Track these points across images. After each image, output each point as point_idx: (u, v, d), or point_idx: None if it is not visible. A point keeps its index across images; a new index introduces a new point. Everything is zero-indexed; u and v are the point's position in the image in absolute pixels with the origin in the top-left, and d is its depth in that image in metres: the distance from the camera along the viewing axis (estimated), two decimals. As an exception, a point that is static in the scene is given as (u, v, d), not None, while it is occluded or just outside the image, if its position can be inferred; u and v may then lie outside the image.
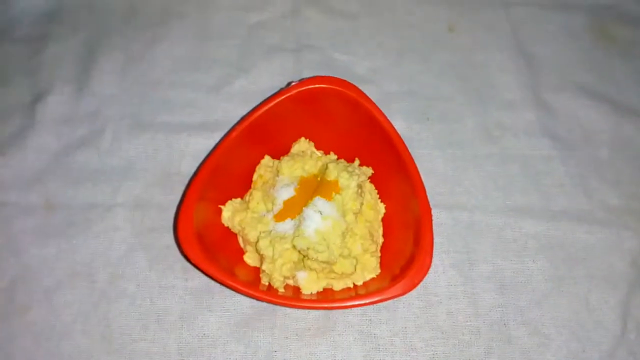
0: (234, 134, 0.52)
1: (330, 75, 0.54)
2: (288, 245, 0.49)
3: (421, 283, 0.46)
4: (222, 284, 0.48)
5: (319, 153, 0.58)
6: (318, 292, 0.52)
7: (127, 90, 0.66)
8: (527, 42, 0.71)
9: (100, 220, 0.57)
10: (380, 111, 0.53)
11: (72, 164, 0.61)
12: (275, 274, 0.49)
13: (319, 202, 0.50)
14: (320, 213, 0.49)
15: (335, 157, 0.58)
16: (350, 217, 0.50)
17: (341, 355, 0.52)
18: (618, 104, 0.67)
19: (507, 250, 0.57)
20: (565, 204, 0.60)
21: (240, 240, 0.55)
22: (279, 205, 0.52)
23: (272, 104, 0.53)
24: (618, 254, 0.58)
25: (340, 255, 0.49)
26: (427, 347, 0.53)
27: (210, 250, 0.48)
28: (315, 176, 0.54)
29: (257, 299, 0.49)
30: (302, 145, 0.58)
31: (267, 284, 0.50)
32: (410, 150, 0.52)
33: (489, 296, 0.55)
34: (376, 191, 0.56)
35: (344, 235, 0.50)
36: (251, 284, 0.49)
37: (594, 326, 0.54)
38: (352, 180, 0.51)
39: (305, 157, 0.55)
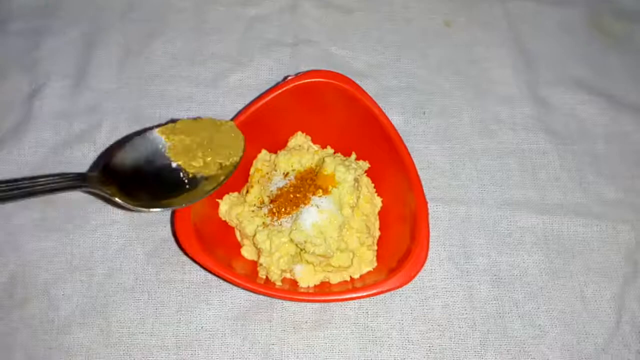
0: (231, 128, 0.53)
1: (328, 69, 0.54)
2: (285, 239, 0.50)
3: (417, 276, 0.47)
4: (219, 277, 0.48)
5: (315, 147, 0.58)
6: (315, 285, 0.52)
7: (125, 85, 0.66)
8: (524, 37, 0.71)
9: (98, 214, 0.58)
10: (377, 105, 0.53)
11: (69, 158, 0.61)
12: (273, 267, 0.50)
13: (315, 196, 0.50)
14: (317, 207, 0.50)
15: (332, 151, 0.58)
16: (346, 210, 0.51)
17: (338, 347, 0.53)
18: (614, 98, 0.67)
19: (503, 243, 0.58)
20: (561, 197, 0.61)
21: (237, 233, 0.55)
22: (276, 199, 0.52)
23: (268, 98, 0.53)
24: (613, 247, 0.58)
25: (337, 248, 0.50)
26: (424, 339, 0.53)
27: (208, 243, 0.49)
28: (312, 170, 0.54)
29: (255, 292, 0.49)
30: (299, 139, 0.58)
31: (264, 277, 0.51)
32: (407, 144, 0.52)
33: (484, 289, 0.55)
34: (373, 185, 0.56)
35: (340, 228, 0.50)
36: (249, 277, 0.49)
37: (589, 318, 0.55)
38: (349, 174, 0.51)
39: (302, 151, 0.55)
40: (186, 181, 0.50)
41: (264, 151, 0.57)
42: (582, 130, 0.65)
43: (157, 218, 0.57)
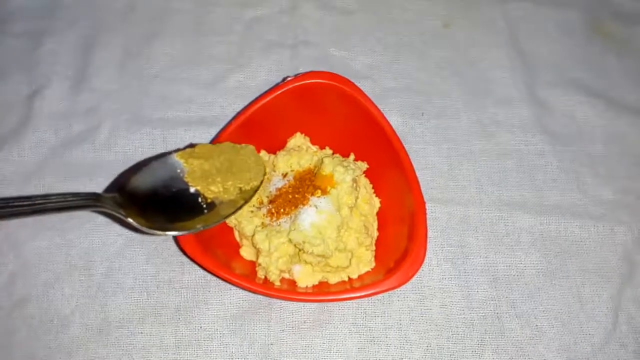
0: (230, 129, 0.53)
1: (327, 70, 0.54)
2: (284, 239, 0.50)
3: (415, 276, 0.47)
4: (218, 277, 0.48)
5: (314, 148, 0.59)
6: (313, 286, 0.52)
7: (125, 86, 0.66)
8: (522, 38, 0.72)
9: (98, 214, 0.58)
10: (376, 106, 0.53)
11: (69, 158, 0.61)
12: (271, 268, 0.50)
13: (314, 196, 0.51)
14: (316, 207, 0.50)
15: (331, 151, 0.58)
16: (345, 211, 0.51)
17: (336, 347, 0.53)
18: (612, 100, 0.68)
19: (500, 244, 0.58)
20: (558, 198, 0.61)
21: (236, 234, 0.55)
22: (274, 200, 0.53)
23: (268, 99, 0.53)
24: (611, 248, 0.59)
25: (336, 248, 0.50)
26: (422, 339, 0.53)
27: (207, 244, 0.49)
28: (311, 171, 0.54)
29: (254, 292, 0.49)
30: (298, 140, 0.58)
31: (263, 277, 0.51)
32: (405, 145, 0.52)
33: (482, 289, 0.56)
34: (371, 185, 0.57)
35: (339, 229, 0.50)
36: (247, 277, 0.49)
37: (586, 319, 0.55)
38: (347, 174, 0.51)
39: (300, 152, 0.56)
40: (204, 206, 0.49)
41: (263, 152, 0.57)
42: (580, 132, 0.65)
43: (157, 218, 0.58)
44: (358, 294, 0.48)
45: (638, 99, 0.68)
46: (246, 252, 0.54)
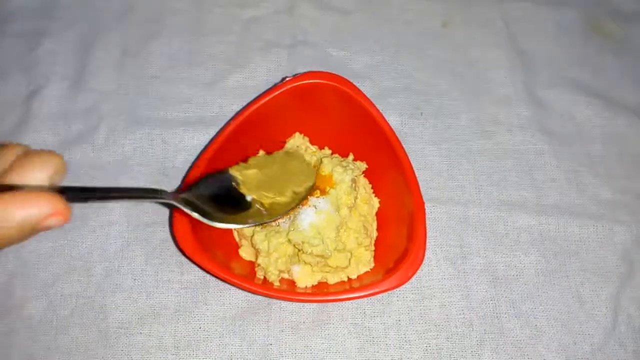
0: (228, 129, 0.53)
1: (326, 70, 0.54)
2: (283, 239, 0.50)
3: (415, 276, 0.47)
4: (217, 277, 0.48)
5: (313, 148, 0.58)
6: (313, 286, 0.52)
7: (123, 86, 0.66)
8: (521, 38, 0.71)
9: (97, 214, 0.58)
10: (374, 106, 0.53)
11: (68, 159, 0.60)
12: (271, 268, 0.50)
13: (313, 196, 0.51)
14: (315, 207, 0.50)
15: (330, 152, 0.58)
16: (344, 211, 0.51)
17: (336, 347, 0.53)
18: (611, 99, 0.68)
19: (500, 244, 0.58)
20: (557, 198, 0.61)
21: (235, 234, 0.55)
22: (273, 200, 0.52)
23: (266, 99, 0.53)
24: (610, 248, 0.59)
25: (335, 249, 0.50)
26: (421, 339, 0.53)
27: (206, 244, 0.49)
28: (310, 171, 0.54)
29: (253, 292, 0.49)
30: (297, 140, 0.58)
31: (262, 277, 0.51)
32: (404, 145, 0.52)
33: (481, 289, 0.56)
34: (370, 186, 0.57)
35: (338, 229, 0.50)
36: (246, 277, 0.50)
37: (585, 319, 0.55)
38: (346, 174, 0.51)
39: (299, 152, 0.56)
40: (264, 211, 0.49)
41: (261, 152, 0.57)
42: (578, 132, 0.65)
43: (156, 219, 0.58)
44: (357, 294, 0.48)
45: (637, 98, 0.68)
46: (245, 253, 0.54)
